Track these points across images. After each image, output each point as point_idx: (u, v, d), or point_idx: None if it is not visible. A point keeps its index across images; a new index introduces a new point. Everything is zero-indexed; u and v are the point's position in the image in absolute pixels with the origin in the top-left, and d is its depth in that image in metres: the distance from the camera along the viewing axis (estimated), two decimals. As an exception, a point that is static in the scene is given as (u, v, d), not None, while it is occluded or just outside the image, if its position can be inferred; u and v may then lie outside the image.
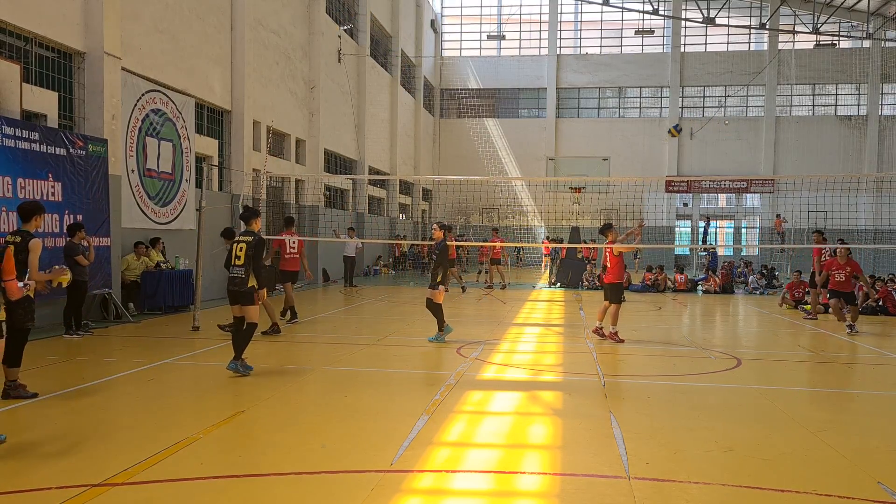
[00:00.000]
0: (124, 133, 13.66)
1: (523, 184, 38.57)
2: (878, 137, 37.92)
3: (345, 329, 13.08)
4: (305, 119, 22.85)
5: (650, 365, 9.47)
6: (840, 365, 9.82)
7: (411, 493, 4.62)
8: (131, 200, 14.01)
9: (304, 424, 6.22)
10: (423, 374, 8.93)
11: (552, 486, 4.82)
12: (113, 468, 4.88)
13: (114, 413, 6.68)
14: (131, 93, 13.91)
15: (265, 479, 4.81)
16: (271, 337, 11.45)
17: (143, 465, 4.96)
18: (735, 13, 38.13)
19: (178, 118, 15.53)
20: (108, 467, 4.90)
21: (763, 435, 6.05)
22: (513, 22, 41.41)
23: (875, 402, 7.62)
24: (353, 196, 27.72)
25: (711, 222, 34.36)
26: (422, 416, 6.39)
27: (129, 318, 12.97)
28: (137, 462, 5.02)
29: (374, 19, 29.28)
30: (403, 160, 34.02)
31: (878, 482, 4.83)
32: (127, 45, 13.67)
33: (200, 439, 5.64)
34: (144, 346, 10.50)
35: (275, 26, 20.38)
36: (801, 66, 38.35)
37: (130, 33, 13.88)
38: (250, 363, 8.33)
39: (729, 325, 15.00)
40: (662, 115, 40.00)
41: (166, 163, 15.19)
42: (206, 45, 16.92)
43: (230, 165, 18.22)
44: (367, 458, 5.24)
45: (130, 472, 4.83)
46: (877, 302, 16.49)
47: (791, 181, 30.22)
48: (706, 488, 4.76)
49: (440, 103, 41.71)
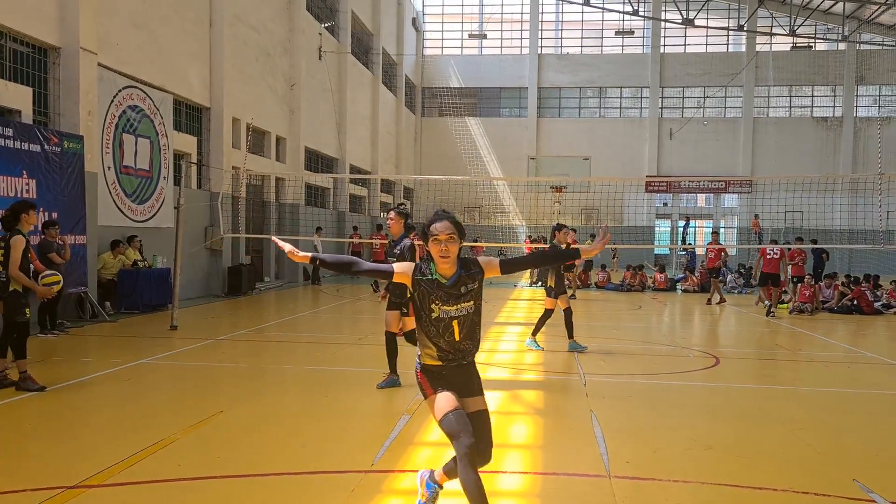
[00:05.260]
0: (101, 129, 13.48)
1: (505, 183, 38.63)
2: (853, 139, 38.46)
3: (326, 328, 13.02)
4: (286, 116, 22.70)
5: (630, 364, 9.52)
6: (816, 363, 9.94)
7: (392, 494, 4.60)
8: (108, 198, 13.84)
9: (285, 425, 6.17)
10: (404, 374, 8.89)
11: (533, 485, 4.82)
12: (89, 470, 4.81)
13: (90, 414, 6.59)
14: (108, 89, 13.73)
15: (245, 480, 4.76)
16: (250, 336, 11.34)
17: (119, 467, 4.89)
18: (714, 15, 38.44)
19: (156, 115, 15.36)
20: (84, 469, 4.82)
21: (741, 433, 6.10)
22: (494, 21, 41.45)
23: (850, 400, 7.72)
24: (335, 194, 27.60)
25: (690, 222, 34.64)
26: (403, 416, 6.37)
27: (106, 317, 12.81)
28: (114, 463, 4.95)
29: (355, 17, 29.16)
30: (385, 159, 33.94)
31: (853, 480, 4.89)
32: (103, 41, 13.49)
33: (178, 440, 5.58)
34: (121, 345, 10.37)
35: (254, 22, 20.22)
36: (778, 68, 38.78)
37: (107, 28, 13.70)
38: (225, 364, 8.25)
39: (707, 324, 15.13)
40: (643, 116, 40.27)
41: (144, 160, 15.02)
42: (185, 41, 16.75)
43: (209, 163, 18.06)
44: (347, 459, 5.21)
45: (107, 474, 4.75)
46: (851, 301, 16.72)
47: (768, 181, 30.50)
48: (686, 486, 4.79)
49: (422, 102, 41.66)
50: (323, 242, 22.92)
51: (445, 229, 3.62)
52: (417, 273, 3.68)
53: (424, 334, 3.74)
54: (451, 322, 3.67)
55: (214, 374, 8.37)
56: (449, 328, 3.68)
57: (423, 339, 3.75)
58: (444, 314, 3.66)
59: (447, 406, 3.61)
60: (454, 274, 3.66)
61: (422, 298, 3.69)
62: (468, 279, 3.67)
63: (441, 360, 3.74)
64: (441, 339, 3.70)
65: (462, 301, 3.67)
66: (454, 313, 3.67)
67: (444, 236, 3.61)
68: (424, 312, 3.69)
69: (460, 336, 3.71)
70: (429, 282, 3.67)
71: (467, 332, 3.73)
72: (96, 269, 13.34)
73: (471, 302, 3.70)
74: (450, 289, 3.65)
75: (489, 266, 3.74)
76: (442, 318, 3.67)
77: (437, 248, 3.61)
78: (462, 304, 3.68)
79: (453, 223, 3.67)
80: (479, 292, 3.75)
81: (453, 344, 3.71)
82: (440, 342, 3.70)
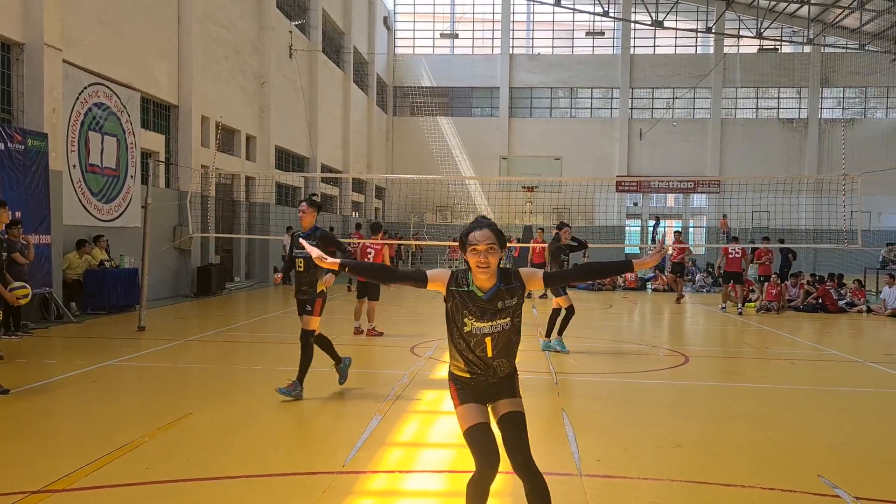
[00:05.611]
0: (65, 127, 13.23)
1: (477, 183, 38.70)
2: (818, 140, 39.19)
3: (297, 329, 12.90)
4: (256, 115, 22.49)
5: (601, 362, 9.59)
6: (783, 361, 10.11)
7: (364, 495, 4.58)
8: (73, 197, 13.59)
9: (255, 426, 6.11)
10: (377, 374, 8.88)
11: (504, 485, 4.82)
12: (53, 474, 4.71)
13: (55, 416, 6.46)
14: (73, 86, 13.48)
15: (214, 483, 4.70)
16: (220, 337, 11.22)
17: (85, 471, 4.80)
18: (682, 17, 38.91)
19: (123, 112, 15.12)
20: (49, 473, 4.72)
21: (710, 431, 6.18)
22: (466, 21, 41.49)
23: (815, 397, 7.86)
24: (305, 193, 27.40)
25: (661, 221, 35.02)
26: (375, 417, 6.34)
27: (72, 318, 12.57)
28: (79, 467, 4.86)
29: (325, 15, 28.98)
30: (356, 158, 33.79)
31: (818, 475, 4.97)
32: (69, 37, 13.24)
33: (146, 443, 5.49)
34: (87, 347, 10.19)
35: (224, 20, 20.00)
36: (745, 70, 39.36)
37: (72, 25, 13.45)
38: (193, 365, 8.15)
39: (677, 323, 15.31)
40: (613, 116, 40.61)
41: (110, 158, 14.77)
42: (153, 39, 16.50)
43: (177, 161, 17.82)
44: (319, 460, 5.17)
45: (72, 478, 4.66)
46: (816, 300, 17.03)
47: (736, 182, 30.98)
48: (656, 484, 4.83)
49: (393, 101, 41.55)
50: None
51: (485, 238, 3.34)
52: (453, 283, 3.43)
53: (453, 346, 3.50)
54: (483, 338, 3.42)
55: (183, 376, 8.26)
56: (481, 344, 3.43)
57: (452, 349, 3.52)
58: (476, 330, 3.41)
59: (471, 420, 3.45)
60: (492, 287, 3.40)
61: (454, 310, 3.44)
62: (507, 294, 3.41)
63: (469, 373, 3.51)
64: (471, 354, 3.45)
65: (498, 318, 3.40)
66: (487, 330, 3.41)
67: (483, 246, 3.33)
68: (456, 325, 3.45)
69: (493, 353, 3.44)
70: (464, 294, 3.41)
71: (501, 349, 3.46)
72: (61, 270, 13.09)
73: (507, 319, 3.42)
74: (486, 303, 3.39)
75: (531, 279, 3.48)
76: (474, 334, 3.41)
77: (475, 259, 3.34)
78: (497, 321, 3.41)
79: (494, 231, 3.38)
80: (518, 308, 3.47)
81: (484, 360, 3.45)
82: (469, 356, 3.46)
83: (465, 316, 3.41)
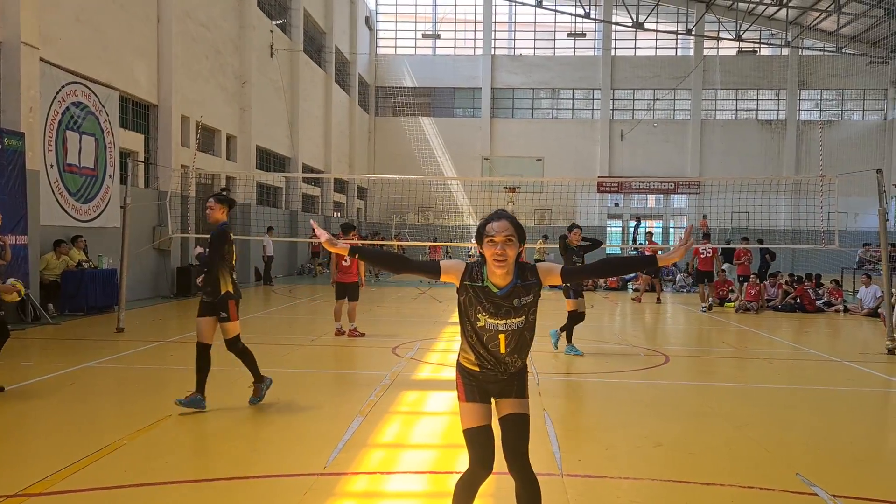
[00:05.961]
0: (43, 126, 13.07)
1: (459, 183, 38.72)
2: (795, 141, 39.66)
3: (277, 329, 12.86)
4: (236, 115, 22.35)
5: (582, 362, 9.63)
6: (761, 360, 10.21)
7: (345, 497, 4.56)
8: (50, 197, 13.42)
9: (235, 428, 6.07)
10: (358, 375, 8.85)
11: (486, 486, 4.80)
12: (30, 477, 4.65)
13: (31, 419, 6.38)
14: (50, 84, 13.32)
15: (194, 486, 4.66)
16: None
17: (62, 474, 4.74)
18: (663, 19, 39.21)
19: (101, 112, 14.96)
20: (25, 477, 4.66)
21: (690, 430, 6.23)
22: (448, 21, 41.51)
23: (793, 395, 7.95)
24: (287, 194, 27.28)
25: (641, 222, 35.22)
26: (356, 418, 6.32)
27: (49, 319, 12.42)
28: (57, 470, 4.80)
29: (307, 14, 28.87)
30: (338, 158, 33.68)
31: (796, 474, 5.03)
32: (46, 35, 13.08)
33: (125, 445, 5.44)
34: (65, 348, 10.07)
35: (204, 19, 19.86)
36: (724, 72, 39.74)
37: (49, 23, 13.29)
38: (173, 367, 8.09)
39: (657, 323, 15.41)
40: (594, 117, 40.81)
41: (88, 158, 14.61)
42: (131, 37, 16.34)
43: (157, 161, 17.66)
44: (300, 462, 5.15)
45: (49, 482, 4.60)
46: (795, 300, 17.22)
47: (716, 182, 31.27)
48: (636, 483, 4.86)
49: (375, 101, 41.48)
50: (274, 243, 22.69)
51: (503, 230, 3.20)
52: (467, 277, 3.29)
53: (465, 339, 3.38)
54: (496, 335, 3.30)
55: (162, 378, 8.19)
56: (494, 340, 3.31)
57: (464, 342, 3.40)
58: (490, 326, 3.28)
59: (473, 421, 3.35)
60: (508, 283, 3.25)
61: (468, 304, 3.31)
62: (523, 291, 3.26)
63: (479, 366, 3.38)
64: (483, 349, 3.33)
65: (513, 316, 3.27)
66: (501, 328, 3.28)
67: (500, 237, 3.18)
68: (468, 319, 3.33)
69: (506, 349, 3.32)
70: (479, 289, 3.27)
71: (515, 346, 3.33)
72: (38, 270, 12.92)
73: (522, 317, 3.29)
74: (500, 300, 3.25)
75: (548, 275, 3.32)
76: (488, 329, 3.29)
77: (491, 251, 3.19)
78: (512, 319, 3.28)
79: (513, 224, 3.24)
80: (534, 305, 3.32)
81: (496, 355, 3.33)
82: (481, 350, 3.34)
83: (478, 311, 3.28)
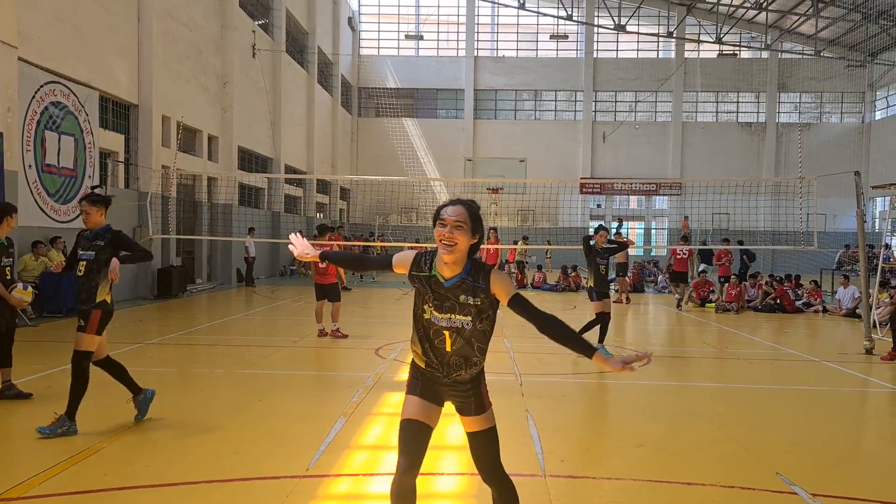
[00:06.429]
0: (21, 126, 12.91)
1: (442, 184, 38.74)
2: (775, 143, 40.11)
3: (259, 331, 12.79)
4: (218, 115, 22.20)
5: (565, 364, 9.66)
6: (742, 361, 10.30)
7: (328, 499, 4.55)
8: (29, 197, 13.26)
9: (216, 430, 6.02)
10: (341, 377, 8.82)
11: (469, 487, 4.84)
12: (8, 482, 4.59)
13: (8, 423, 6.30)
14: (29, 84, 13.16)
15: (175, 489, 4.62)
16: (181, 340, 11.04)
17: (40, 478, 4.69)
18: (644, 21, 39.45)
19: (81, 111, 14.80)
20: (3, 481, 4.60)
21: (671, 430, 6.27)
22: (430, 22, 41.53)
23: (773, 395, 8.03)
24: (269, 195, 27.15)
25: (623, 223, 35.40)
26: (339, 420, 6.30)
27: (27, 321, 12.25)
28: (34, 474, 4.74)
29: (289, 15, 28.75)
30: (321, 159, 33.57)
31: (776, 473, 5.08)
32: (24, 34, 12.92)
33: (104, 449, 5.38)
34: (43, 350, 9.95)
35: (185, 19, 19.71)
36: (705, 74, 40.08)
37: (28, 21, 13.13)
38: (152, 369, 8.02)
39: (639, 323, 15.50)
40: (577, 119, 41.01)
41: (67, 158, 14.45)
42: (112, 36, 16.19)
43: (137, 162, 17.50)
44: (282, 464, 5.12)
45: (27, 486, 4.55)
46: (774, 300, 17.40)
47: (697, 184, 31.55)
48: (618, 483, 4.89)
49: (358, 102, 41.40)
50: (256, 244, 22.56)
51: (455, 214, 3.07)
52: (415, 266, 3.20)
53: (414, 331, 3.25)
54: (441, 331, 3.15)
55: (142, 380, 8.07)
56: (439, 335, 3.16)
57: (413, 334, 3.27)
58: (434, 320, 3.15)
59: (407, 413, 3.24)
60: (456, 276, 3.12)
61: (417, 295, 3.22)
62: (470, 289, 3.10)
63: (425, 363, 3.25)
64: (427, 343, 3.20)
65: (458, 313, 3.11)
66: (445, 323, 3.14)
67: (450, 220, 3.06)
68: (418, 309, 3.21)
69: (451, 349, 3.16)
70: (425, 278, 3.17)
71: (461, 349, 3.16)
72: (16, 272, 12.76)
73: (469, 317, 3.11)
74: (446, 291, 3.12)
75: (499, 289, 3.11)
76: (433, 324, 3.16)
77: (439, 233, 3.07)
78: (457, 316, 3.12)
79: (469, 211, 3.10)
80: (485, 313, 3.13)
81: (442, 353, 3.18)
82: (426, 345, 3.20)
83: (424, 302, 3.17)
